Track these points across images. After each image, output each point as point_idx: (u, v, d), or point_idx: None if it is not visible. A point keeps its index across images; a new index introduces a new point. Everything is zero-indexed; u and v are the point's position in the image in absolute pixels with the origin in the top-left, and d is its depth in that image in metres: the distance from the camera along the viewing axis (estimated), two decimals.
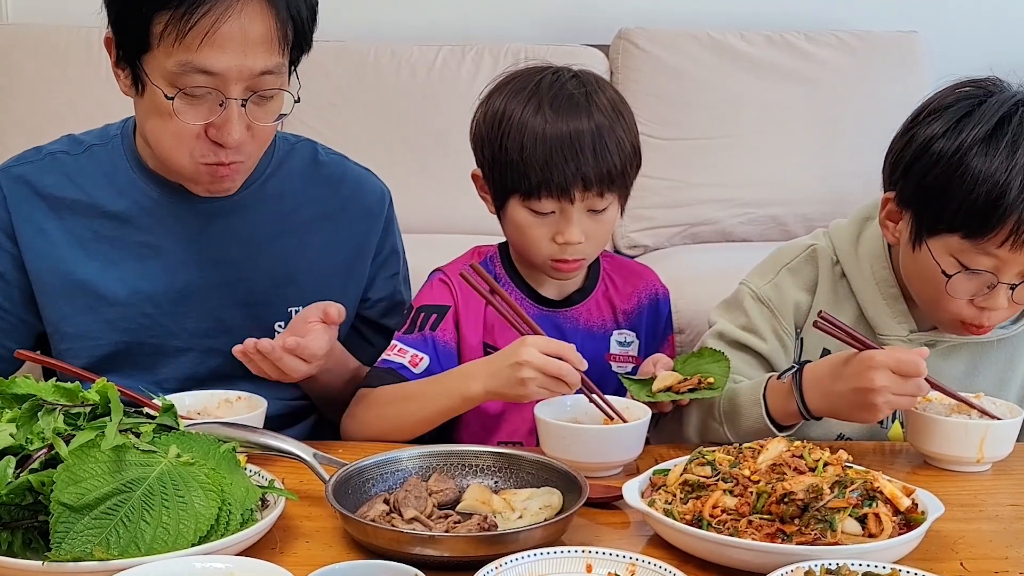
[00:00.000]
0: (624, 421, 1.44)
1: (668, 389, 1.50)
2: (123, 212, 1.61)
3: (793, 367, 1.46)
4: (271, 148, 1.68)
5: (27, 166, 1.63)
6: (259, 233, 1.65)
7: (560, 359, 1.40)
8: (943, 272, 1.45)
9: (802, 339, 1.64)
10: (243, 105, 1.46)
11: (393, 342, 1.63)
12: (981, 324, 1.49)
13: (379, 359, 1.63)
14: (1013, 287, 1.44)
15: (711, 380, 1.50)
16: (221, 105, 1.45)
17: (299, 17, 1.49)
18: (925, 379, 1.39)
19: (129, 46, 1.47)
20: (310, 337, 1.51)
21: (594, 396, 1.46)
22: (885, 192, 1.55)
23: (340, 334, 1.72)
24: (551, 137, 1.53)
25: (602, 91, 1.60)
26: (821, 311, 1.45)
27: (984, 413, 1.46)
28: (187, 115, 1.46)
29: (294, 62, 1.54)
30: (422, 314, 1.64)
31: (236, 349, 1.52)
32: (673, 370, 1.53)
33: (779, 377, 1.46)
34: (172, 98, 1.45)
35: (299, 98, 1.53)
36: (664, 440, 1.59)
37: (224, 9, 1.41)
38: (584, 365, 1.42)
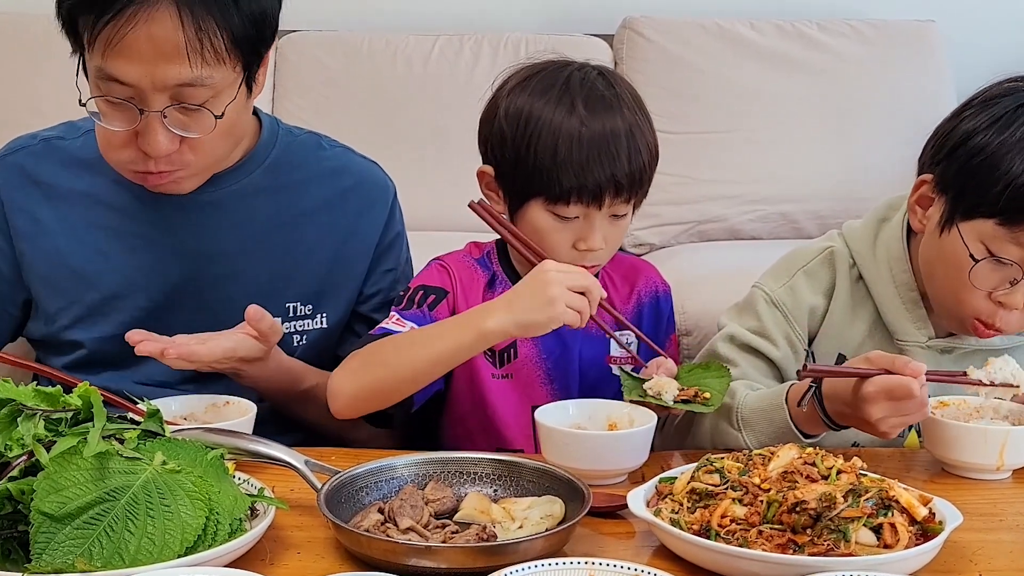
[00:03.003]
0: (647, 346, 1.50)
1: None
2: (117, 200, 1.62)
3: (811, 388, 1.46)
4: (273, 138, 1.68)
5: (22, 152, 1.65)
6: (257, 225, 1.66)
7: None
8: (971, 256, 1.47)
9: (812, 352, 1.64)
10: (164, 116, 1.44)
11: (391, 313, 1.61)
12: (993, 323, 1.50)
13: (377, 327, 1.60)
14: None
15: (707, 395, 1.49)
16: (142, 113, 1.45)
17: (230, 26, 1.44)
18: (927, 375, 1.38)
19: (73, 43, 1.49)
20: (210, 344, 1.52)
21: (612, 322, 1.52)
22: (920, 175, 1.57)
23: (334, 332, 1.73)
24: (587, 140, 1.52)
25: (626, 88, 1.60)
26: (804, 364, 1.45)
27: (999, 385, 1.45)
28: (111, 120, 1.47)
29: (250, 67, 1.51)
30: (420, 292, 1.63)
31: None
32: (676, 378, 1.53)
33: (799, 404, 1.46)
34: (84, 104, 1.46)
35: (222, 114, 1.47)
36: (671, 447, 1.59)
37: (128, 17, 1.39)
38: (603, 293, 1.45)
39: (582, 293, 1.41)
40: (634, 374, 1.55)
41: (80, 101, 1.46)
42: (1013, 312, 1.49)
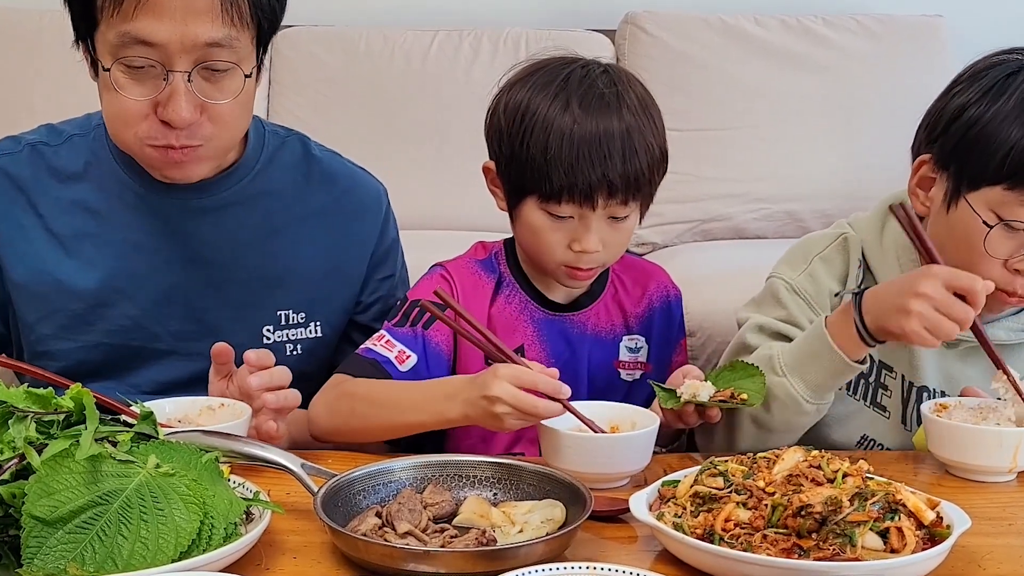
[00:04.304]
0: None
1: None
2: (105, 207, 1.61)
3: (854, 294, 1.48)
4: (261, 142, 1.68)
5: (6, 158, 1.63)
6: (248, 231, 1.65)
7: (535, 391, 1.37)
8: (984, 223, 1.49)
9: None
10: (190, 80, 1.45)
11: (381, 332, 1.62)
12: (1014, 290, 1.52)
13: (363, 347, 1.61)
14: None
15: (744, 396, 1.49)
16: (165, 80, 1.44)
17: None
18: (973, 329, 1.41)
19: (79, 24, 1.48)
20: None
21: (582, 420, 1.43)
22: (917, 158, 1.60)
23: (331, 341, 1.73)
24: (578, 138, 1.52)
25: (632, 88, 1.59)
26: (901, 203, 1.49)
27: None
28: (131, 90, 1.46)
29: (262, 43, 1.53)
30: (416, 309, 1.63)
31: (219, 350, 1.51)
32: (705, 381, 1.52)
33: (836, 295, 1.51)
34: (108, 69, 1.44)
35: (250, 73, 1.51)
36: (675, 449, 1.60)
37: None
38: (566, 392, 1.39)
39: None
40: (666, 386, 1.54)
41: (104, 67, 1.45)
42: None
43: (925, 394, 1.64)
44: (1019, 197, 1.48)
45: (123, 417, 1.27)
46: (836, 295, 1.59)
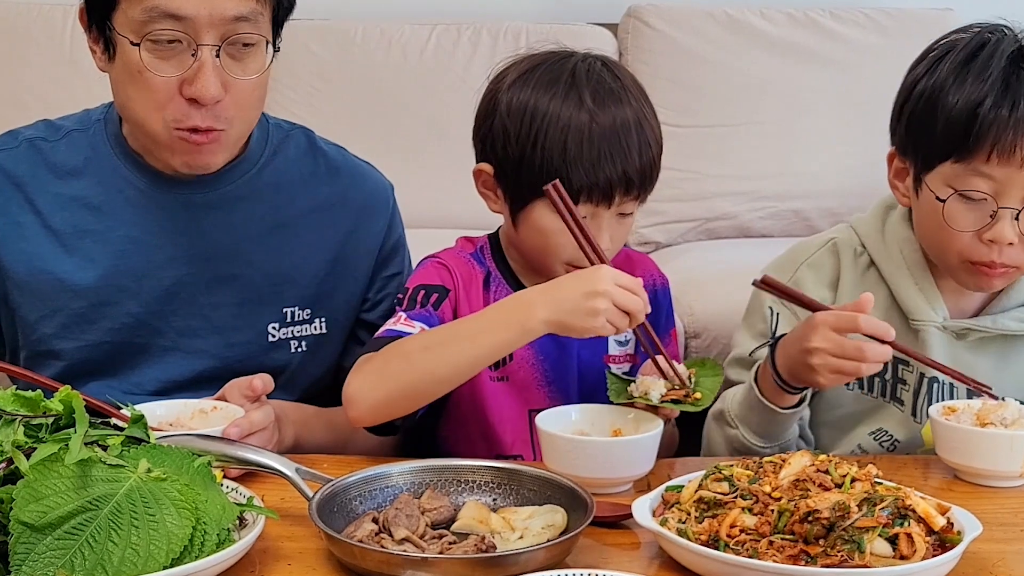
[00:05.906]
0: (684, 385, 1.47)
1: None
2: (105, 203, 1.62)
3: (768, 344, 1.53)
4: (265, 135, 1.68)
5: (2, 154, 1.63)
6: (253, 226, 1.66)
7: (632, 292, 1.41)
8: (936, 198, 1.52)
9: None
10: (217, 56, 1.47)
11: (398, 314, 1.59)
12: (991, 261, 1.53)
13: (382, 329, 1.58)
14: (1017, 215, 1.50)
15: (698, 396, 1.49)
16: (193, 56, 1.46)
17: None
18: (893, 345, 1.44)
19: (98, 7, 1.49)
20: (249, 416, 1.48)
21: (657, 356, 1.48)
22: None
23: (335, 338, 1.73)
24: (598, 135, 1.52)
25: (628, 78, 1.60)
26: (764, 275, 1.53)
27: (990, 396, 1.52)
28: (157, 67, 1.47)
29: (278, 23, 1.55)
30: (422, 292, 1.61)
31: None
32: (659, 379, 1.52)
33: (750, 354, 1.58)
34: (138, 44, 1.46)
35: (278, 47, 1.54)
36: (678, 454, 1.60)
37: None
38: (648, 308, 1.43)
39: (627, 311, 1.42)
40: (622, 376, 1.54)
41: (132, 42, 1.46)
42: (1009, 247, 1.52)
43: (935, 385, 1.65)
44: (969, 167, 1.50)
45: (113, 420, 1.27)
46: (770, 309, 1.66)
